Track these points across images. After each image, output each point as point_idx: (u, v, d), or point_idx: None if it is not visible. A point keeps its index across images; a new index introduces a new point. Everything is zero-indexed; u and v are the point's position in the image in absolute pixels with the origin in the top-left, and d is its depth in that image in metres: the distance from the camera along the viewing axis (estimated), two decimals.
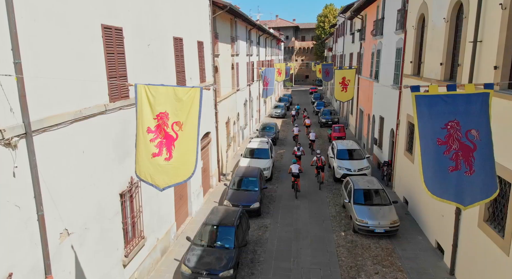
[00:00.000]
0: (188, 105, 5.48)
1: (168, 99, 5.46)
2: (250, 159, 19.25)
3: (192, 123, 5.50)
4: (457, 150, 5.69)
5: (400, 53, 17.06)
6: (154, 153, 5.53)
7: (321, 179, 17.75)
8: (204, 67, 15.67)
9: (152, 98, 5.49)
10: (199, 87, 5.58)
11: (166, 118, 5.51)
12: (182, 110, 5.48)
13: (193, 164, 5.57)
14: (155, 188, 5.74)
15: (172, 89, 5.55)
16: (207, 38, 16.24)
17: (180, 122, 5.50)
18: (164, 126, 5.50)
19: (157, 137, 5.51)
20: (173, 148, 5.51)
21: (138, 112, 5.50)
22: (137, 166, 5.67)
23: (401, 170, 16.25)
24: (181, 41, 12.79)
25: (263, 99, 20.29)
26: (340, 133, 26.75)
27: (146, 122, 5.47)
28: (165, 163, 5.54)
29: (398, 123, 16.79)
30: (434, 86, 5.94)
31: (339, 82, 18.17)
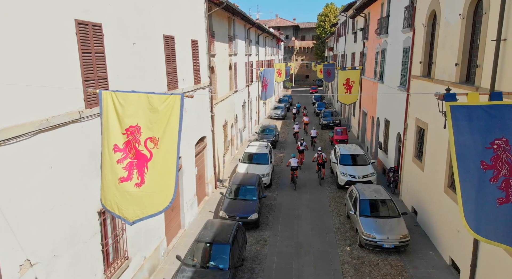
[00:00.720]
0: (165, 117, 4.46)
1: (141, 109, 4.44)
2: (248, 165, 18.23)
3: (171, 139, 4.48)
4: (507, 177, 4.54)
5: (407, 52, 16.04)
6: (122, 178, 4.50)
7: (321, 175, 18.54)
8: (198, 68, 14.65)
9: (121, 108, 4.46)
10: (179, 94, 4.56)
11: (137, 133, 4.49)
12: (158, 123, 4.46)
13: (171, 190, 4.55)
14: (123, 221, 4.71)
15: (145, 97, 4.52)
16: (202, 37, 15.23)
17: (155, 138, 4.48)
18: (135, 143, 4.48)
19: (126, 157, 4.48)
20: (145, 171, 4.49)
21: (103, 126, 4.48)
22: (102, 193, 4.65)
23: (409, 178, 15.23)
24: (173, 40, 11.77)
25: (262, 101, 19.22)
26: (343, 136, 25.75)
27: (113, 138, 4.45)
28: (135, 190, 4.51)
29: (406, 127, 15.77)
30: (474, 94, 4.90)
31: (342, 83, 17.15)
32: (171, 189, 4.55)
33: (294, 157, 18.29)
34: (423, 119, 13.59)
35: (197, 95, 14.51)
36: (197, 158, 14.86)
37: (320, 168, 18.33)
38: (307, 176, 19.75)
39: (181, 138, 12.86)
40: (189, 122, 13.39)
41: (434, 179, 12.25)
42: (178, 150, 4.54)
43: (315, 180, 18.83)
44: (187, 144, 13.20)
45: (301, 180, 18.89)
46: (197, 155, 14.85)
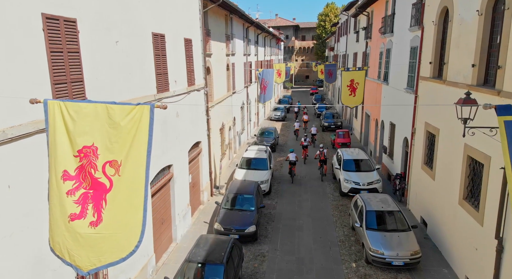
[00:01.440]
0: (130, 134, 3.51)
1: (98, 124, 3.49)
2: (246, 171, 17.27)
3: (137, 163, 3.53)
4: None
5: (415, 52, 15.08)
6: (73, 215, 3.53)
7: (323, 172, 19.16)
8: (193, 68, 13.69)
9: (72, 123, 3.49)
10: (148, 105, 3.60)
11: (93, 156, 3.53)
12: (121, 142, 3.51)
13: (137, 230, 3.58)
14: (75, 270, 3.74)
15: (104, 108, 3.55)
16: (196, 36, 14.27)
17: (116, 161, 3.53)
18: (90, 169, 3.53)
19: (79, 187, 3.51)
20: (104, 206, 3.53)
21: (50, 146, 3.51)
22: (50, 233, 3.67)
23: (417, 186, 14.27)
24: (163, 38, 10.81)
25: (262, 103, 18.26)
26: (345, 139, 24.77)
27: (62, 162, 3.48)
28: (90, 231, 3.54)
29: (414, 131, 14.81)
30: None
31: (346, 85, 16.19)
32: (137, 229, 3.58)
33: (293, 152, 19.16)
34: (434, 124, 12.63)
35: (191, 98, 13.55)
36: (191, 165, 13.91)
37: (322, 164, 19.09)
38: (308, 172, 20.48)
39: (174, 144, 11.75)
40: (182, 126, 12.43)
41: (447, 189, 11.29)
42: (147, 177, 3.59)
43: (317, 177, 19.42)
44: (180, 150, 12.25)
45: (303, 178, 19.14)
46: (191, 162, 13.90)
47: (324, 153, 18.98)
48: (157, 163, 10.39)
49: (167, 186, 11.42)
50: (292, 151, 19.27)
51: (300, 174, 20.23)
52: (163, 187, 11.08)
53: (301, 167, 21.29)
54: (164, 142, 10.86)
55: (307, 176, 19.96)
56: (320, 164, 19.24)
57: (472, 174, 9.99)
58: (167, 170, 11.36)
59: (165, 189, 11.23)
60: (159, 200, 10.81)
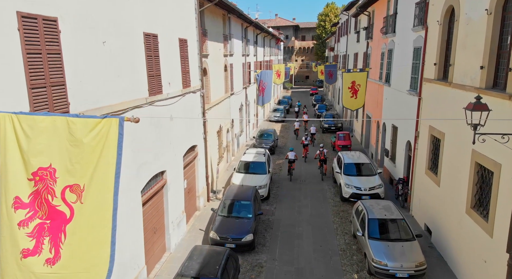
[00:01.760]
0: (94, 153, 3.00)
1: (56, 142, 2.97)
2: (244, 175, 16.75)
3: (103, 187, 3.02)
4: None
5: (419, 53, 14.58)
6: (27, 251, 3.00)
7: (324, 171, 19.42)
8: (188, 70, 13.19)
9: (25, 141, 2.97)
10: (116, 118, 3.09)
11: (51, 179, 3.01)
12: (83, 163, 3.00)
13: (103, 269, 3.05)
14: None
15: (64, 122, 3.04)
16: (192, 36, 13.76)
17: (78, 186, 3.02)
18: (46, 195, 3.01)
19: (33, 216, 2.98)
20: (62, 240, 3.01)
21: (0, 167, 2.98)
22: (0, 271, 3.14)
23: (421, 192, 13.77)
24: (156, 38, 10.30)
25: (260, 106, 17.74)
26: (345, 141, 24.27)
27: (13, 187, 2.95)
28: (46, 270, 3.00)
29: (417, 135, 14.31)
30: None
31: (347, 87, 15.63)
32: (103, 268, 3.05)
33: (292, 151, 19.64)
34: (439, 128, 12.13)
35: (186, 100, 13.05)
36: (187, 170, 13.40)
37: (322, 164, 19.38)
38: (309, 172, 20.66)
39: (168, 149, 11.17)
40: (176, 130, 11.93)
41: (453, 197, 10.78)
42: (115, 204, 3.08)
43: (317, 177, 19.58)
44: (174, 155, 11.74)
45: (304, 181, 19.04)
46: (187, 167, 13.39)
47: (324, 152, 19.28)
48: (149, 169, 9.89)
49: (160, 193, 10.91)
50: (291, 150, 19.77)
51: (300, 174, 19.85)
52: (156, 194, 10.58)
53: (301, 166, 21.67)
54: (156, 147, 10.36)
55: (307, 176, 19.93)
56: (320, 164, 19.57)
57: (481, 181, 9.48)
58: (160, 177, 10.86)
59: (157, 197, 10.72)
60: (151, 209, 10.30)
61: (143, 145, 9.49)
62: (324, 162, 19.33)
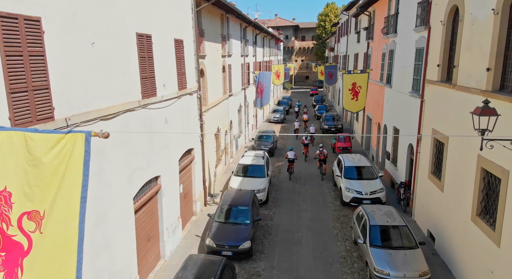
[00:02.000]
0: (56, 174, 2.62)
1: (12, 161, 2.60)
2: (242, 178, 16.38)
3: (67, 214, 2.63)
4: None
5: (421, 54, 14.22)
6: None
7: (323, 171, 19.57)
8: (184, 71, 12.82)
9: None
10: (82, 133, 2.71)
11: (6, 205, 2.62)
12: (43, 186, 2.61)
13: None
14: None
15: (21, 138, 2.66)
16: (188, 36, 13.39)
17: (38, 212, 2.63)
18: (1, 223, 2.62)
19: None
20: (19, 275, 2.62)
21: None
22: None
23: (424, 196, 13.40)
24: (149, 39, 9.93)
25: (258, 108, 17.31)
26: (346, 143, 23.92)
27: None
28: None
29: (420, 138, 13.95)
30: None
31: (348, 89, 15.22)
32: None
33: (292, 150, 19.94)
34: (443, 131, 11.76)
35: (182, 103, 12.69)
36: (183, 174, 13.04)
37: (322, 164, 19.57)
38: (309, 173, 20.71)
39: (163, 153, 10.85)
40: (172, 134, 11.56)
41: (458, 203, 10.42)
42: (81, 234, 2.69)
43: (317, 177, 19.58)
44: (169, 159, 11.37)
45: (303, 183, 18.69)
46: (183, 171, 13.03)
47: (324, 152, 19.52)
48: (142, 175, 9.52)
49: (154, 199, 10.54)
50: (291, 149, 20.13)
51: (300, 176, 19.52)
52: (150, 200, 10.21)
53: (301, 166, 21.83)
54: (150, 151, 10.00)
55: (307, 178, 19.74)
56: (319, 164, 19.83)
57: (487, 188, 9.12)
58: (154, 182, 10.49)
59: (151, 203, 10.35)
60: (145, 216, 9.93)
61: (136, 150, 9.12)
62: (324, 162, 19.54)
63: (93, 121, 7.29)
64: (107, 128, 7.75)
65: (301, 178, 19.68)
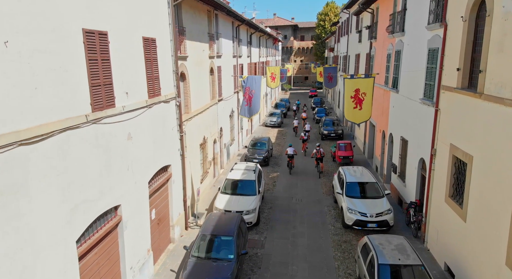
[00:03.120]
0: None
1: None
2: (229, 197, 14.38)
3: None
4: None
5: (435, 55, 12.25)
6: None
7: (320, 169, 20.04)
8: (157, 75, 10.85)
9: None
10: None
11: None
12: None
13: None
14: None
15: None
16: (164, 34, 11.42)
17: None
18: None
19: None
20: None
21: None
22: None
23: (440, 222, 11.44)
24: (104, 37, 7.96)
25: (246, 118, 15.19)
26: (347, 152, 21.94)
27: None
28: None
29: (434, 153, 11.98)
30: None
31: (350, 96, 13.21)
32: None
33: (291, 147, 20.82)
34: (465, 148, 9.79)
35: (155, 112, 10.72)
36: (156, 197, 11.06)
37: (319, 162, 19.98)
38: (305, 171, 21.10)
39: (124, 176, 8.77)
40: (138, 151, 9.59)
41: (487, 241, 8.44)
42: None
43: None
44: (134, 183, 9.39)
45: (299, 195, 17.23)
46: (156, 193, 11.05)
47: (321, 151, 19.91)
48: (92, 209, 7.52)
49: (112, 235, 8.55)
50: (290, 146, 21.04)
51: (296, 191, 17.45)
52: (106, 237, 8.22)
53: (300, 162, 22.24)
54: (105, 177, 8.02)
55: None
56: (316, 162, 20.16)
57: None
58: (112, 214, 8.50)
59: (108, 240, 8.36)
60: (98, 258, 7.94)
61: (81, 178, 7.14)
62: (321, 160, 19.91)
63: (5, 147, 5.33)
64: (30, 155, 5.78)
65: (298, 194, 17.69)
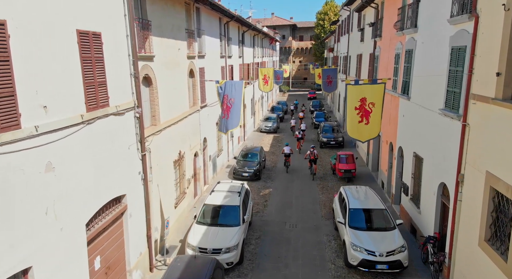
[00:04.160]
0: None
1: None
2: (207, 228, 11.74)
3: None
4: None
5: (461, 56, 9.70)
6: None
7: (314, 171, 19.95)
8: (104, 80, 8.29)
9: None
10: None
11: None
12: None
13: None
14: None
15: None
16: (116, 28, 8.86)
17: None
18: None
19: None
20: None
21: None
22: None
23: (470, 270, 8.87)
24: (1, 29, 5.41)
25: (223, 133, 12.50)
26: (349, 164, 19.36)
27: None
28: None
29: (461, 180, 9.41)
30: None
31: (354, 106, 10.43)
32: None
33: (288, 146, 21.16)
34: (509, 180, 7.23)
35: (99, 129, 8.16)
36: (102, 240, 8.48)
37: (312, 164, 19.90)
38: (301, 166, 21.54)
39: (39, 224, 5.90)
40: (63, 187, 7.02)
41: None
42: None
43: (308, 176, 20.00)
44: (59, 230, 6.83)
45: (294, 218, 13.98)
46: (102, 234, 8.48)
47: (315, 153, 19.84)
48: None
49: None
50: (287, 145, 21.31)
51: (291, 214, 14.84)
52: None
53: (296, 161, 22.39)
54: (6, 230, 5.46)
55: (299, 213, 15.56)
56: (310, 164, 20.06)
57: None
58: None
59: None
60: None
61: None
62: (314, 162, 19.84)
63: None
64: None
65: (292, 218, 15.12)
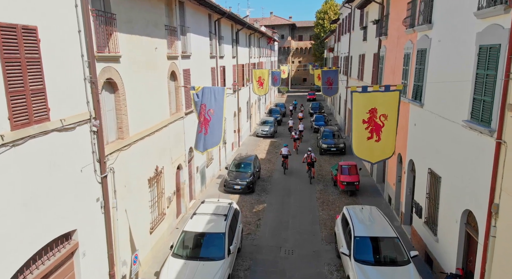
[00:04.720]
0: None
1: None
2: (184, 263, 9.72)
3: None
4: None
5: (492, 57, 7.82)
6: None
7: (312, 174, 19.49)
8: (42, 87, 6.42)
9: None
10: None
11: None
12: None
13: None
14: None
15: None
16: (62, 21, 6.98)
17: None
18: None
19: None
20: None
21: None
22: None
23: None
24: None
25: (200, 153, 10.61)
26: (351, 176, 17.52)
27: None
28: None
29: (496, 212, 7.54)
30: None
31: (362, 120, 8.40)
32: None
33: (286, 147, 20.89)
34: None
35: (31, 151, 6.29)
36: None
37: (310, 167, 19.51)
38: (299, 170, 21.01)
39: None
40: None
41: None
42: None
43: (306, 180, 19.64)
44: None
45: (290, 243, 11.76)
46: None
47: (312, 156, 19.47)
48: None
49: None
50: (285, 146, 21.14)
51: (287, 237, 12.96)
52: None
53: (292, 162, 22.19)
54: None
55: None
56: (308, 168, 19.76)
57: None
58: None
59: None
60: None
61: None
62: (312, 165, 19.53)
63: None
64: None
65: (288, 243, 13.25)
